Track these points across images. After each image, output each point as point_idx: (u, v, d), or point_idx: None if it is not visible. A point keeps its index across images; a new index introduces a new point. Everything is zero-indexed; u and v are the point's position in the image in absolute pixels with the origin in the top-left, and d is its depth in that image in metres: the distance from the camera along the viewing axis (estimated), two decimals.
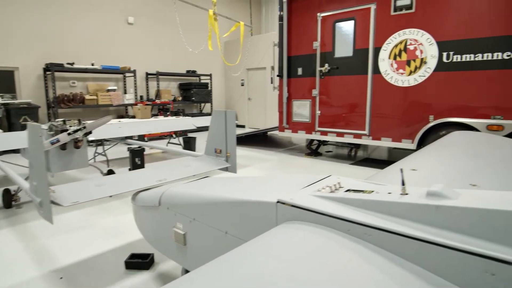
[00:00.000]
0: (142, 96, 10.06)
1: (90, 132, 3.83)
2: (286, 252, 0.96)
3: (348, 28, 5.92)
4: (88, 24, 8.86)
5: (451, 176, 1.73)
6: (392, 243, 0.96)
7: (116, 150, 7.46)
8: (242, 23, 8.11)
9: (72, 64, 8.26)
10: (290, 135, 7.02)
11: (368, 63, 5.70)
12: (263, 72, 11.38)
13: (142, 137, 8.58)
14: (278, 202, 1.24)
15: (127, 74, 9.62)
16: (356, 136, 6.00)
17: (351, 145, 7.61)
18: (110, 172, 4.91)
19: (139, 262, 2.52)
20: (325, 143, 7.54)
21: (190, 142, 7.21)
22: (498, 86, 4.56)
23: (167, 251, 1.94)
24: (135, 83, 9.61)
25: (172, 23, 10.32)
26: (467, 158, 2.14)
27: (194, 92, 10.92)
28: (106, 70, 8.86)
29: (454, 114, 4.95)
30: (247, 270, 0.89)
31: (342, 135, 6.20)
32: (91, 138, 4.04)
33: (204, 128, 3.11)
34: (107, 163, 5.77)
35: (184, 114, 9.56)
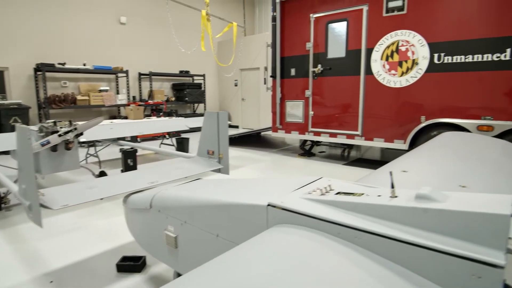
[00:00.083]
0: (134, 97, 9.99)
1: (81, 134, 3.79)
2: (275, 256, 0.96)
3: (340, 29, 5.95)
4: (80, 23, 8.78)
5: (441, 178, 1.75)
6: (381, 246, 0.96)
7: (108, 151, 7.40)
8: (235, 23, 8.10)
9: (63, 64, 8.18)
10: (284, 136, 7.03)
11: (361, 64, 5.73)
12: (257, 72, 11.39)
13: (134, 137, 8.52)
14: (269, 205, 1.24)
15: (119, 75, 9.54)
16: (349, 136, 6.03)
17: (344, 145, 7.65)
18: (102, 173, 4.87)
19: (130, 265, 2.50)
20: (318, 143, 7.57)
21: (183, 143, 7.18)
22: (488, 87, 4.62)
23: (159, 254, 1.93)
24: (128, 84, 9.55)
25: (165, 23, 10.28)
26: (457, 159, 2.16)
27: (187, 92, 10.88)
28: (98, 71, 8.79)
29: (445, 115, 5.00)
30: (237, 275, 0.89)
31: (335, 135, 6.23)
32: (82, 139, 4.00)
33: (198, 129, 3.10)
34: (99, 165, 5.72)
35: (177, 115, 9.53)
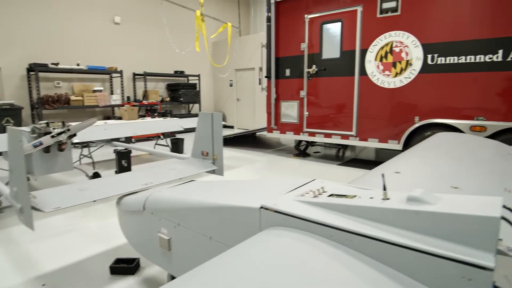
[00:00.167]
0: (129, 97, 9.93)
1: (74, 135, 3.76)
2: (268, 259, 0.96)
3: (335, 30, 5.97)
4: (74, 23, 8.71)
5: (434, 179, 1.76)
6: (373, 248, 0.96)
7: (102, 152, 7.35)
8: (229, 24, 8.09)
9: (56, 64, 8.11)
10: (279, 136, 7.04)
11: (355, 65, 5.75)
12: (252, 72, 11.38)
13: (129, 138, 8.47)
14: (262, 207, 1.24)
15: (113, 75, 9.48)
16: (343, 137, 6.05)
17: (338, 146, 7.67)
18: (96, 174, 4.84)
19: (124, 267, 2.48)
20: (313, 144, 7.59)
21: (178, 143, 7.16)
22: (481, 88, 4.66)
23: (152, 257, 1.91)
24: (122, 84, 9.49)
25: (160, 23, 10.23)
26: (449, 160, 2.17)
27: (182, 92, 10.84)
28: (92, 71, 8.72)
29: (439, 115, 5.04)
30: (230, 279, 0.89)
31: (329, 136, 6.24)
32: (75, 140, 3.97)
33: (192, 129, 3.09)
34: (93, 166, 5.68)
35: (172, 115, 9.49)
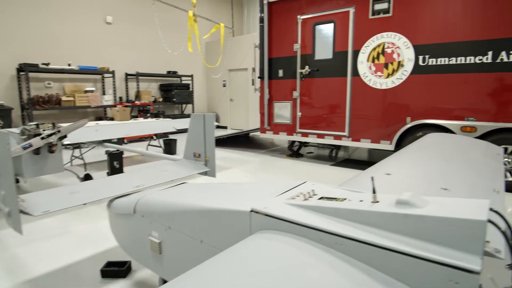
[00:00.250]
0: (121, 98, 9.86)
1: (65, 136, 3.72)
2: (257, 264, 0.96)
3: (328, 31, 5.99)
4: (65, 23, 8.61)
5: (424, 180, 1.77)
6: (362, 252, 0.97)
7: (94, 153, 7.28)
8: (222, 24, 8.07)
9: (47, 64, 8.01)
10: (272, 137, 7.04)
11: (347, 66, 5.78)
12: (245, 73, 11.37)
13: (121, 139, 8.40)
14: (252, 211, 1.24)
15: (105, 75, 9.40)
16: (336, 137, 6.07)
17: (331, 146, 7.70)
18: (87, 176, 4.79)
19: (115, 270, 2.46)
20: (306, 144, 7.61)
21: (171, 144, 7.13)
22: (471, 89, 4.71)
23: (143, 260, 1.90)
24: (114, 84, 9.41)
25: (152, 23, 10.17)
26: (439, 161, 2.19)
27: (175, 93, 10.79)
28: (84, 71, 8.63)
29: (430, 116, 5.08)
30: (219, 284, 0.88)
31: (322, 136, 6.26)
32: (66, 142, 3.93)
33: (186, 130, 3.08)
34: (84, 167, 5.62)
35: (165, 116, 9.44)
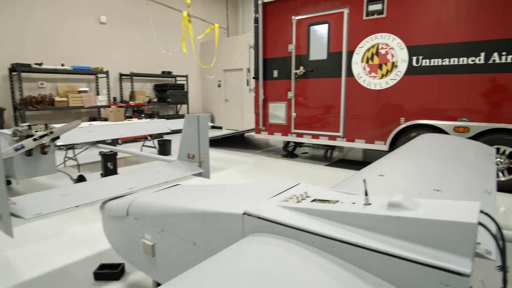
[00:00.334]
0: (115, 98, 9.80)
1: (57, 137, 3.70)
2: (249, 267, 0.95)
3: (322, 32, 6.00)
4: (58, 22, 8.54)
5: (417, 182, 1.78)
6: (354, 255, 0.97)
7: (88, 154, 7.23)
8: (216, 25, 8.06)
9: (40, 64, 7.93)
10: (267, 137, 7.04)
11: (342, 66, 5.80)
12: (240, 73, 11.36)
13: (115, 139, 8.35)
14: (245, 213, 1.24)
15: (99, 75, 9.33)
16: (331, 138, 6.09)
17: (326, 146, 7.72)
18: (81, 177, 4.75)
19: (108, 272, 2.44)
20: (301, 144, 7.62)
21: (165, 145, 7.10)
22: (464, 90, 4.75)
23: (137, 263, 1.89)
24: (108, 84, 9.35)
25: (146, 23, 10.11)
26: (432, 162, 2.21)
27: (169, 93, 10.75)
28: (77, 71, 8.56)
29: (424, 117, 5.12)
30: None
31: (317, 137, 6.28)
32: (59, 143, 3.90)
33: (180, 131, 3.05)
34: (78, 168, 5.58)
35: (159, 116, 9.40)
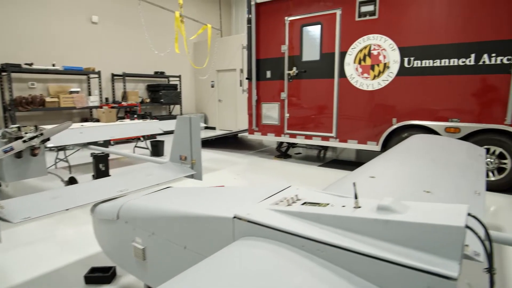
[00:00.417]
0: (107, 98, 9.72)
1: (48, 139, 3.64)
2: (239, 271, 0.95)
3: (315, 33, 6.02)
4: (49, 22, 8.43)
5: (407, 183, 1.80)
6: (344, 259, 0.97)
7: (79, 155, 7.16)
8: (209, 25, 8.03)
9: (30, 64, 7.83)
10: (260, 138, 7.04)
11: (335, 67, 5.82)
12: (233, 73, 11.35)
13: (107, 140, 8.28)
14: (235, 217, 1.23)
15: (91, 75, 9.25)
16: (323, 138, 6.11)
17: (320, 147, 7.75)
18: (72, 179, 4.70)
19: (99, 276, 2.42)
20: (294, 145, 7.64)
21: (158, 146, 7.06)
22: (455, 91, 4.80)
23: (127, 266, 1.87)
24: (100, 85, 9.27)
25: (139, 23, 10.05)
26: (423, 163, 2.23)
27: (162, 93, 10.69)
28: (69, 71, 8.47)
29: (415, 117, 5.16)
30: None
31: (310, 137, 6.30)
32: (49, 145, 3.85)
33: (173, 132, 3.03)
34: (69, 170, 5.52)
35: (152, 117, 9.33)
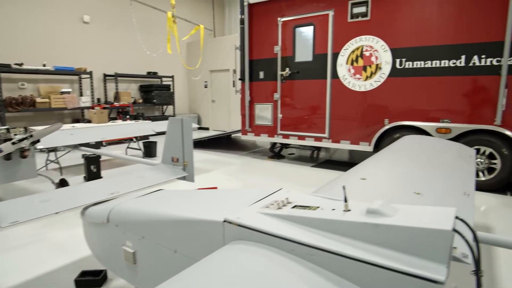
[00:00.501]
0: (99, 99, 9.63)
1: (38, 141, 3.60)
2: (228, 275, 0.95)
3: (307, 33, 6.04)
4: (40, 21, 8.33)
5: (397, 185, 1.81)
6: (333, 263, 0.97)
7: (71, 156, 7.08)
8: (202, 26, 8.01)
9: (20, 64, 7.72)
10: (253, 139, 7.04)
11: (327, 68, 5.84)
12: (227, 74, 11.33)
13: (99, 141, 8.20)
14: (225, 221, 1.23)
15: (82, 76, 9.16)
16: (316, 139, 6.13)
17: (313, 147, 7.77)
18: (63, 181, 4.65)
19: (90, 280, 2.39)
20: (287, 145, 7.65)
21: (151, 147, 7.01)
22: (446, 92, 4.85)
23: (118, 270, 1.85)
24: (92, 85, 9.18)
25: (131, 23, 9.98)
26: (414, 164, 2.24)
27: (155, 94, 10.63)
28: (60, 71, 8.37)
29: (407, 118, 5.20)
30: None
31: (303, 138, 6.31)
32: (39, 146, 3.80)
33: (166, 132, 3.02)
34: (60, 172, 5.46)
35: (145, 118, 9.28)
